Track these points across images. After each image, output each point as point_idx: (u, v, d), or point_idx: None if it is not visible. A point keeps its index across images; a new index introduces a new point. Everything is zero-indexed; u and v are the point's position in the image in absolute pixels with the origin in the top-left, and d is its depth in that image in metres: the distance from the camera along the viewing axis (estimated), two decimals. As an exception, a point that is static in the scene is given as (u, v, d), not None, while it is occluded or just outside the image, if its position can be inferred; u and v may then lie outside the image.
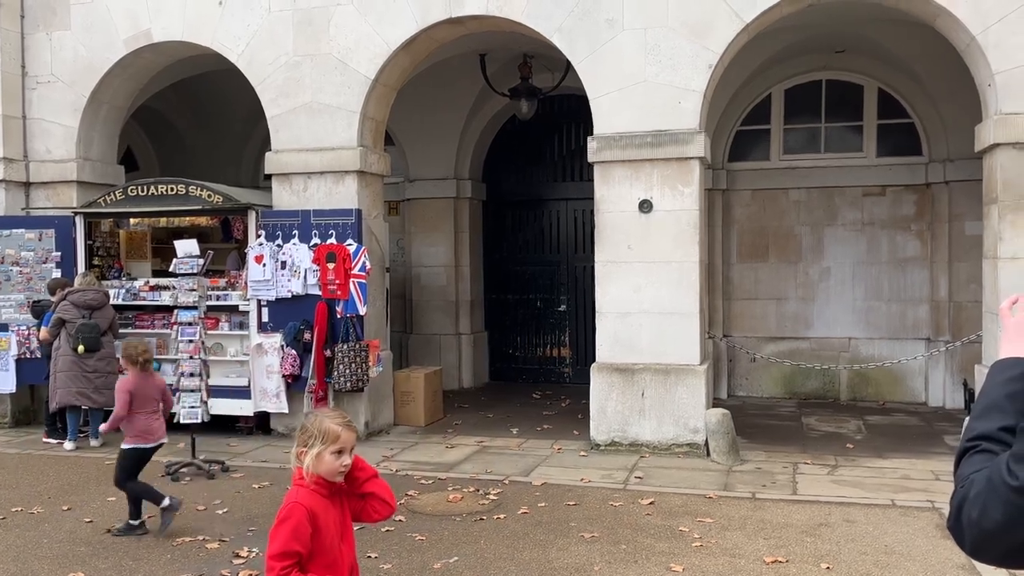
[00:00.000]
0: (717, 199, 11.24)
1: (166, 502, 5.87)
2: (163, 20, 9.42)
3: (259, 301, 8.91)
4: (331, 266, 8.66)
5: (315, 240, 8.75)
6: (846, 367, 10.85)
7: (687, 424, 8.14)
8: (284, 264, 8.80)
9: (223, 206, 9.12)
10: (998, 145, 7.51)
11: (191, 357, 7.84)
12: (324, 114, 9.02)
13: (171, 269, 8.06)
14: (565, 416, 10.14)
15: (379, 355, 9.01)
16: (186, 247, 7.89)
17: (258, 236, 8.90)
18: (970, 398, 9.10)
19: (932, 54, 9.64)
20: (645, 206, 8.24)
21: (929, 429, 9.42)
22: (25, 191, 9.99)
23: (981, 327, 8.34)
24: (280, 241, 8.83)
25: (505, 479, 7.36)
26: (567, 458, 8.14)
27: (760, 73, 10.76)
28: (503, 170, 12.93)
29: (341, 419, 2.91)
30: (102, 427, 6.01)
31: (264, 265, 8.78)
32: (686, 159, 8.16)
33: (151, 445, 6.01)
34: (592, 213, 8.67)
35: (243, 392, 8.91)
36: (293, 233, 8.81)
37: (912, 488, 6.98)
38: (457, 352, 12.41)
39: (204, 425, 7.95)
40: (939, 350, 10.45)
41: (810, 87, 11.25)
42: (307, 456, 2.84)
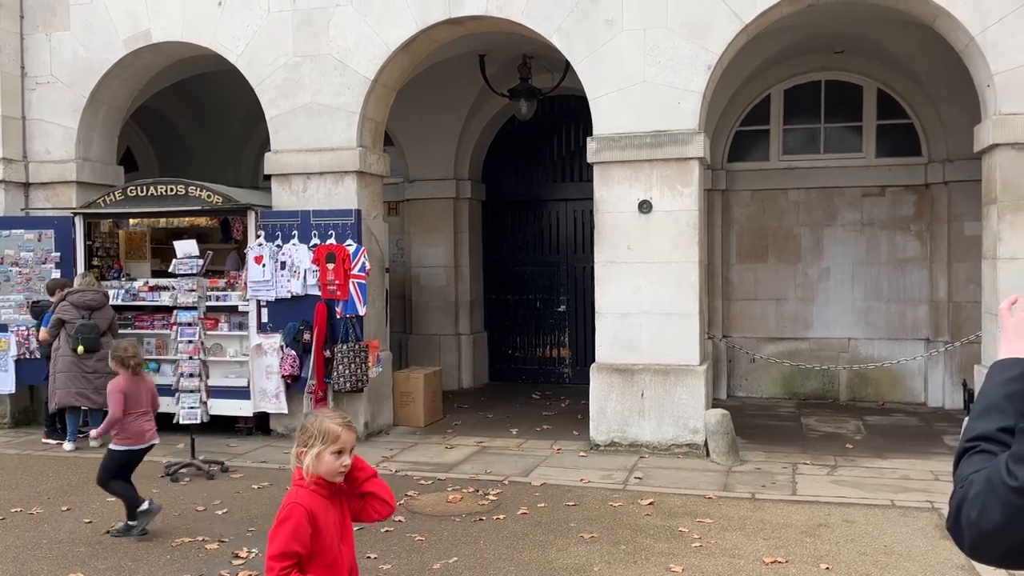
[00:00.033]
0: (716, 199, 11.25)
1: (145, 506, 5.84)
2: (162, 20, 9.43)
3: (258, 301, 8.91)
4: (331, 266, 8.66)
5: (315, 240, 8.76)
6: (845, 367, 10.85)
7: (687, 424, 8.14)
8: (284, 264, 8.81)
9: (222, 206, 9.13)
10: (997, 145, 7.51)
11: (190, 358, 7.84)
12: (323, 115, 9.02)
13: (170, 270, 8.06)
14: (565, 416, 10.14)
15: (379, 355, 9.01)
16: (185, 247, 7.88)
17: (257, 236, 8.91)
18: (969, 398, 9.10)
19: (931, 55, 9.65)
20: (644, 206, 8.25)
21: (928, 429, 9.42)
22: (24, 192, 9.99)
23: (980, 327, 8.34)
24: (280, 241, 8.84)
25: (505, 479, 7.36)
26: (567, 458, 8.14)
27: (759, 73, 10.76)
28: (502, 170, 12.93)
29: (341, 419, 2.91)
30: (94, 432, 5.94)
31: (264, 265, 8.78)
32: (685, 159, 8.16)
33: (142, 447, 5.99)
34: (591, 213, 8.67)
35: (242, 393, 8.92)
36: (293, 233, 8.81)
37: (911, 488, 6.99)
38: (457, 352, 12.41)
39: (203, 426, 7.95)
40: (938, 350, 10.45)
41: (809, 87, 11.25)
42: (307, 456, 2.84)
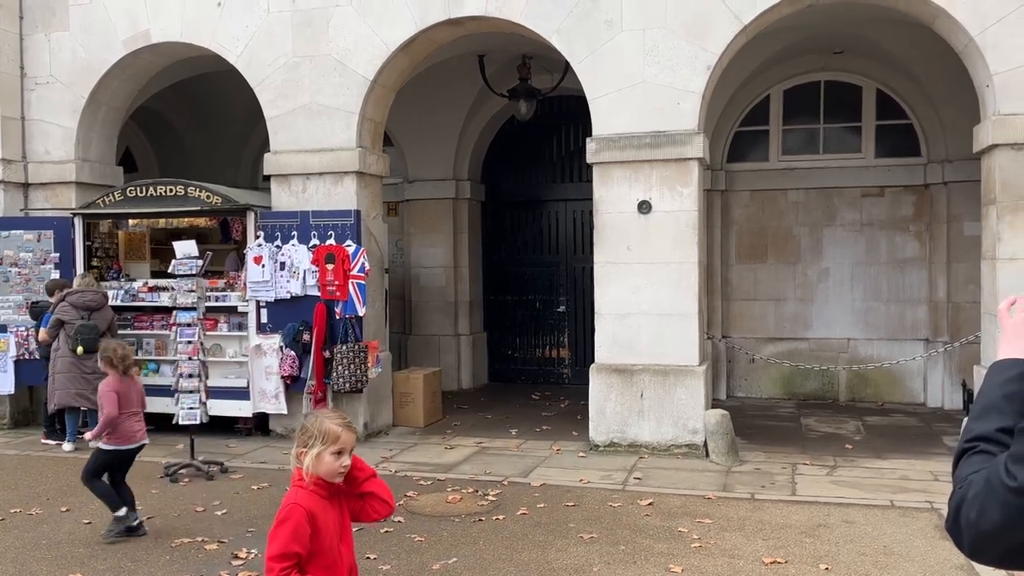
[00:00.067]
0: (716, 200, 11.25)
1: (121, 512, 5.84)
2: (162, 21, 9.43)
3: (258, 302, 8.91)
4: (330, 267, 8.66)
5: (314, 241, 8.76)
6: (845, 368, 10.86)
7: (686, 425, 8.14)
8: (283, 265, 8.81)
9: (222, 207, 9.13)
10: (996, 146, 7.52)
11: (190, 358, 7.84)
12: (323, 115, 9.02)
13: (170, 270, 8.06)
14: (564, 417, 10.14)
15: (378, 356, 9.01)
16: (185, 248, 7.88)
17: (257, 237, 8.91)
18: (969, 399, 9.10)
19: (931, 55, 9.65)
20: (644, 207, 8.25)
21: (928, 430, 9.42)
22: (24, 192, 9.99)
23: (980, 328, 8.34)
24: (279, 242, 8.84)
25: (504, 480, 7.36)
26: (566, 459, 8.14)
27: (759, 74, 10.76)
28: (502, 171, 12.93)
29: (341, 420, 2.91)
30: (88, 435, 5.89)
31: (263, 266, 8.78)
32: (685, 160, 8.16)
33: (130, 447, 5.95)
34: (591, 214, 8.68)
35: (242, 393, 8.92)
36: (292, 234, 8.81)
37: (911, 489, 6.99)
38: (456, 353, 12.41)
39: (203, 426, 7.94)
40: (938, 351, 10.46)
41: (809, 88, 11.26)
42: (307, 457, 2.84)
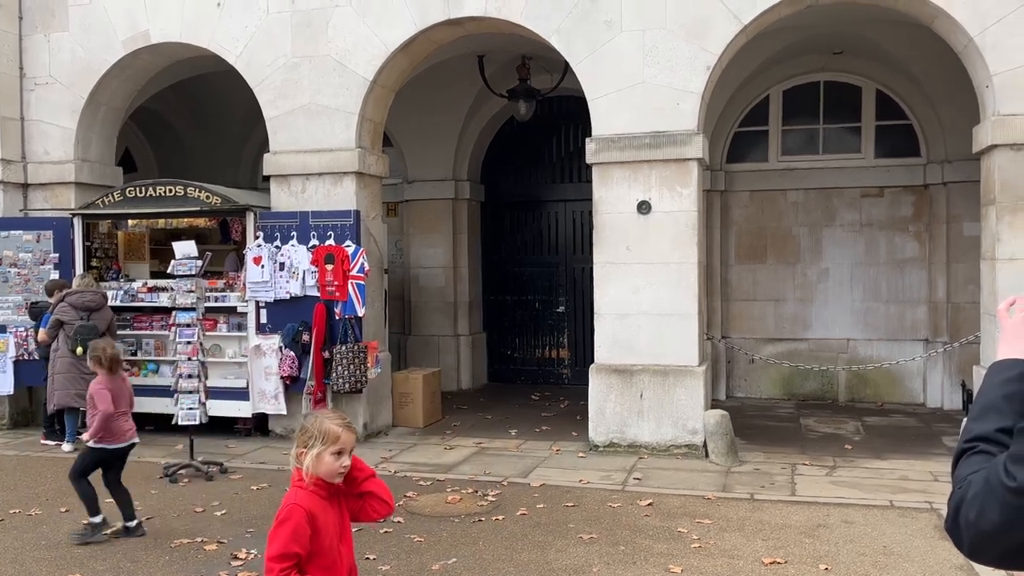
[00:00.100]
0: (715, 200, 11.25)
1: (97, 519, 5.83)
2: (161, 21, 9.43)
3: (257, 302, 8.91)
4: (329, 267, 8.66)
5: (313, 241, 8.76)
6: (844, 368, 10.86)
7: (686, 425, 8.14)
8: (282, 265, 8.81)
9: (221, 207, 9.13)
10: (996, 146, 7.52)
11: (189, 359, 7.83)
12: (322, 115, 9.02)
13: (169, 270, 8.05)
14: (564, 417, 10.14)
15: (377, 356, 9.01)
16: (184, 248, 7.88)
17: (256, 237, 8.91)
18: (968, 399, 9.10)
19: (930, 55, 9.66)
20: (643, 207, 8.25)
21: (927, 430, 9.43)
22: (23, 192, 9.99)
23: (979, 328, 8.34)
24: (278, 242, 8.84)
25: (504, 480, 7.36)
26: (566, 459, 8.14)
27: (758, 74, 10.76)
28: (501, 171, 12.93)
29: (341, 420, 2.91)
30: (86, 435, 5.87)
31: (262, 266, 8.78)
32: (684, 160, 8.17)
33: (122, 445, 5.93)
34: (590, 214, 8.68)
35: (241, 394, 8.92)
36: (291, 234, 8.81)
37: (910, 489, 6.99)
38: (456, 353, 12.40)
39: (202, 427, 7.94)
40: (937, 351, 10.46)
41: (808, 88, 11.26)
42: (307, 457, 2.84)
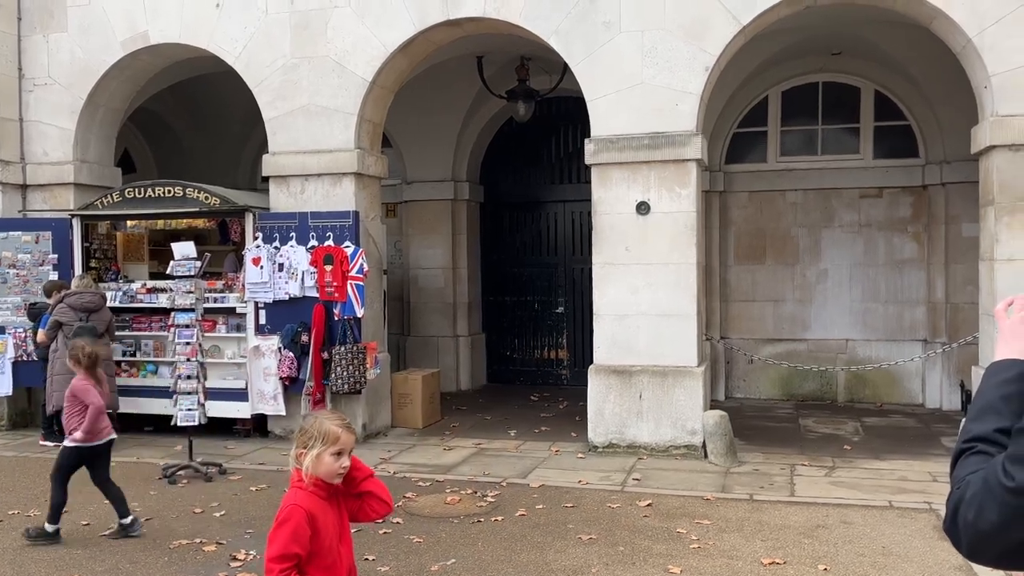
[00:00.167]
0: (714, 201, 11.26)
1: (55, 528, 5.83)
2: (160, 22, 9.42)
3: (256, 303, 8.90)
4: (328, 268, 8.66)
5: (312, 242, 8.76)
6: (843, 369, 10.86)
7: (685, 426, 8.15)
8: (281, 266, 8.81)
9: (220, 208, 9.12)
10: (994, 147, 7.53)
11: (188, 359, 7.83)
12: (321, 116, 9.02)
13: (168, 271, 8.04)
14: (563, 418, 10.14)
15: (377, 357, 9.01)
16: (183, 249, 7.87)
17: (255, 238, 8.90)
18: (967, 399, 9.11)
19: (928, 56, 9.67)
20: (642, 208, 8.25)
21: (926, 430, 9.43)
22: (22, 193, 9.99)
23: (978, 329, 8.35)
24: (277, 243, 8.83)
25: (503, 481, 7.36)
26: (565, 460, 8.14)
27: (757, 75, 10.77)
28: (500, 172, 12.93)
29: (340, 421, 2.91)
30: (78, 434, 5.86)
31: (261, 267, 8.78)
32: (683, 161, 8.17)
33: (100, 443, 5.91)
34: (589, 215, 8.68)
35: (240, 394, 8.91)
36: (290, 235, 8.81)
37: (909, 490, 6.99)
38: (455, 354, 12.41)
39: (201, 427, 7.94)
40: (936, 352, 10.46)
41: (807, 89, 11.27)
42: (306, 457, 2.84)
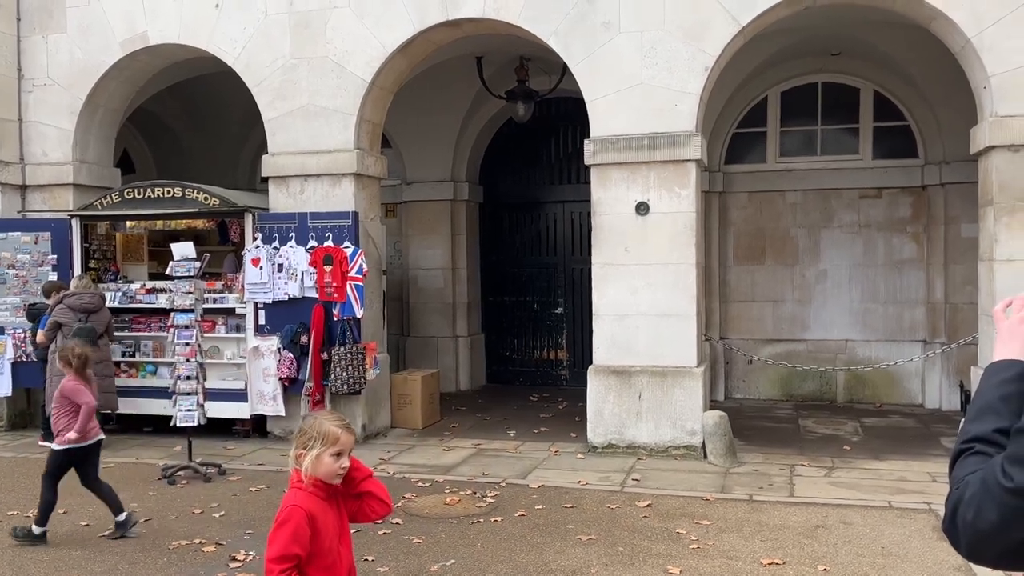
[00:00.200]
0: (714, 201, 11.26)
1: (42, 531, 5.83)
2: (159, 23, 9.42)
3: (256, 304, 8.90)
4: (328, 269, 8.66)
5: (312, 243, 8.76)
6: (843, 369, 10.86)
7: (684, 426, 8.15)
8: (281, 267, 8.80)
9: (220, 209, 9.12)
10: (993, 147, 7.53)
11: (188, 360, 7.82)
12: (321, 117, 9.02)
13: (167, 272, 8.04)
14: (562, 418, 10.14)
15: (376, 358, 9.01)
16: (183, 250, 7.87)
17: (255, 239, 8.90)
18: (966, 400, 9.10)
19: (928, 57, 9.67)
20: (642, 208, 8.25)
21: (926, 431, 9.44)
22: (21, 194, 9.98)
23: (977, 329, 8.35)
24: (277, 244, 8.83)
25: (502, 481, 7.36)
26: (564, 460, 8.14)
27: (756, 76, 10.77)
28: (500, 172, 12.93)
29: (340, 421, 2.92)
30: (72, 434, 5.86)
31: (261, 268, 8.78)
32: (682, 161, 8.17)
33: (88, 443, 5.90)
34: (589, 215, 8.69)
35: (240, 395, 8.91)
36: (290, 236, 8.80)
37: (909, 490, 7.00)
38: (454, 355, 12.40)
39: (201, 428, 7.93)
40: (935, 352, 10.47)
41: (806, 89, 11.27)
42: (306, 458, 2.84)
